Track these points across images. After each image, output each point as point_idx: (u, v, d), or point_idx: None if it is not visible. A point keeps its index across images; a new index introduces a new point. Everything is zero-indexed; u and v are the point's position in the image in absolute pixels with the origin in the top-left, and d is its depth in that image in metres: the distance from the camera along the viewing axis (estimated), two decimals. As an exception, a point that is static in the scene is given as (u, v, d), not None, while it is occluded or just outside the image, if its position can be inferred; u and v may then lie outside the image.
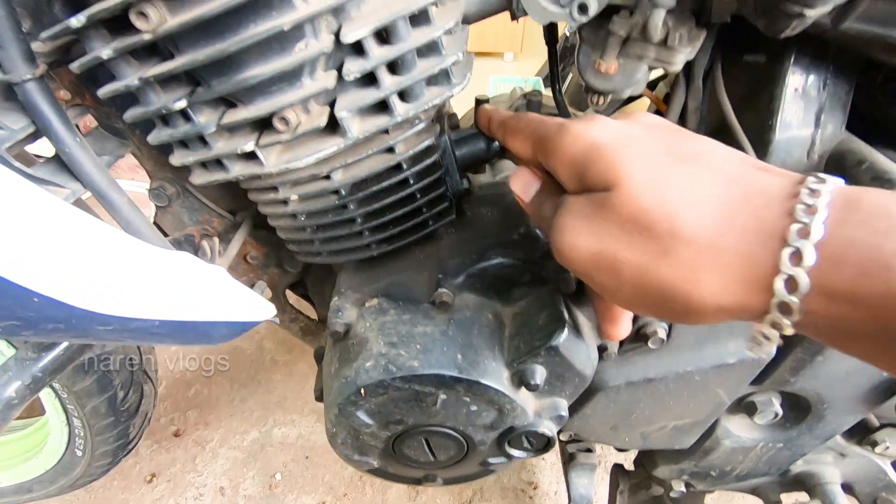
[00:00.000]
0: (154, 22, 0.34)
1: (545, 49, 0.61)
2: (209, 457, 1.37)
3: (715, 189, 0.26)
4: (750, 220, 0.24)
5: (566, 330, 0.44)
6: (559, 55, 0.71)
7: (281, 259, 0.65)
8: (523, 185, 0.38)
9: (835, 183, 0.24)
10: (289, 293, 0.74)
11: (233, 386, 1.53)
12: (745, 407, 0.61)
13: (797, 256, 0.22)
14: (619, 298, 0.29)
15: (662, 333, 0.48)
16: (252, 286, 0.68)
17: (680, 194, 0.26)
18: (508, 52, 3.32)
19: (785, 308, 0.23)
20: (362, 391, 0.44)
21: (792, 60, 0.47)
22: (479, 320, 0.47)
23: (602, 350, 0.49)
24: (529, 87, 2.48)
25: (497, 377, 0.45)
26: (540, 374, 0.45)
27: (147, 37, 0.34)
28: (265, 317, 0.46)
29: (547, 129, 0.34)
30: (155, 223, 0.62)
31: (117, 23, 0.36)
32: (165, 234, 0.61)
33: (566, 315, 0.45)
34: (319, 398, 0.54)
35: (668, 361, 0.51)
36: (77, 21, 0.34)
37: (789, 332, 0.25)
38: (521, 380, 0.45)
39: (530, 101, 0.71)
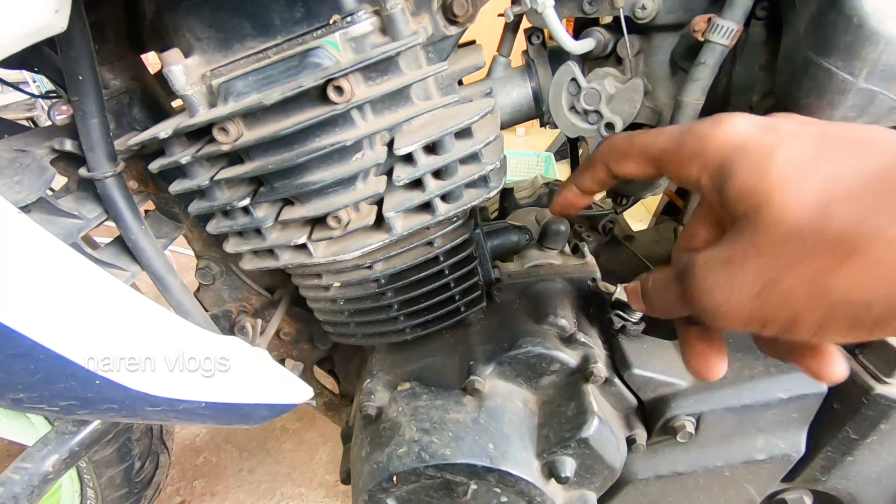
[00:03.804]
0: (233, 135, 0.39)
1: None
2: (214, 531, 1.32)
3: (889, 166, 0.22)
4: None
5: (596, 421, 0.45)
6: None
7: (312, 336, 0.67)
8: (634, 297, 0.33)
9: None
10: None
11: (241, 454, 1.50)
12: (776, 504, 0.60)
13: None
14: (804, 331, 0.24)
15: (691, 427, 0.48)
16: (282, 361, 0.70)
17: (844, 185, 0.22)
18: (520, 128, 3.49)
19: None
20: (394, 478, 0.45)
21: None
22: (509, 408, 0.48)
23: (631, 442, 0.49)
24: (542, 160, 2.59)
25: (527, 468, 0.45)
26: (570, 466, 0.45)
27: (225, 147, 0.39)
28: (303, 399, 0.48)
29: (668, 139, 0.30)
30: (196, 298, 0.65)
31: (196, 132, 0.41)
32: (206, 309, 0.64)
33: (595, 406, 0.46)
34: (346, 481, 0.54)
35: (697, 456, 0.51)
36: (164, 133, 0.39)
37: None
38: (551, 471, 0.45)
39: (552, 190, 0.76)
